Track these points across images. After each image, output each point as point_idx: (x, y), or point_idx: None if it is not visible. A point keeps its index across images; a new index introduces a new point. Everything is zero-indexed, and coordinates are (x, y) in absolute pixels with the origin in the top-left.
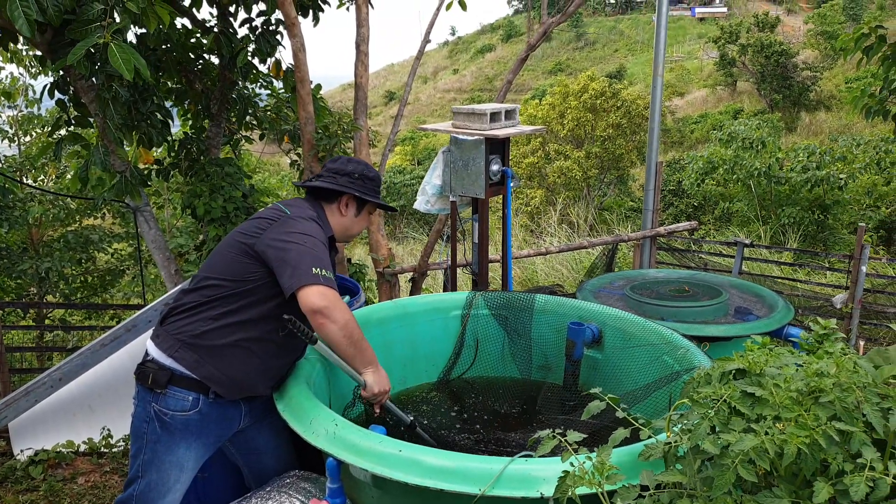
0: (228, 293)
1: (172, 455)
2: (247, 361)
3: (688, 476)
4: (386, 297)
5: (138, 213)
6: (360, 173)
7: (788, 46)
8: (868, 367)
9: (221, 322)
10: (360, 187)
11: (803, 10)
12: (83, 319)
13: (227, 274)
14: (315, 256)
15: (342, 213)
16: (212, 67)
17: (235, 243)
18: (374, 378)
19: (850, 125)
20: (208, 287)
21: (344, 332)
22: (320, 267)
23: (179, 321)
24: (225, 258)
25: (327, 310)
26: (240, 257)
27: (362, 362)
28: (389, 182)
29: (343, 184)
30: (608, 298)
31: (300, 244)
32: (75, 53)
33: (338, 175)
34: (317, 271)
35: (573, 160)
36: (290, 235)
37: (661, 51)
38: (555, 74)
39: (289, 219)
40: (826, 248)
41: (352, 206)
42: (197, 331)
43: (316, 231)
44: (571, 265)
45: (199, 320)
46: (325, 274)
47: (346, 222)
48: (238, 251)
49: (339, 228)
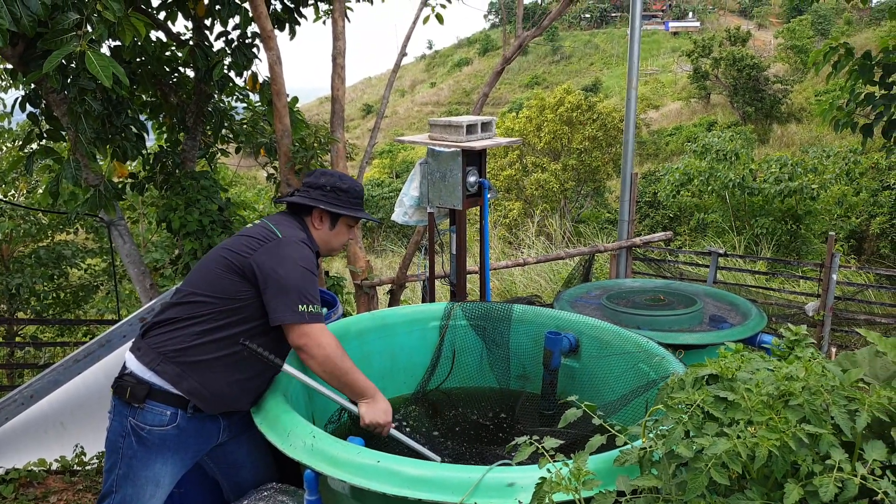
0: (215, 310)
1: (148, 470)
2: (231, 377)
3: (663, 481)
4: (364, 309)
5: (113, 228)
6: (332, 185)
7: (760, 60)
8: (836, 371)
9: (207, 338)
10: (333, 200)
11: (773, 25)
12: (55, 336)
13: (214, 291)
14: (301, 291)
15: (317, 227)
16: (187, 80)
17: (223, 260)
18: (367, 409)
19: (821, 137)
20: (194, 303)
21: (324, 367)
22: (306, 302)
23: (162, 335)
24: (212, 274)
25: (307, 347)
26: (228, 275)
27: (353, 394)
28: (368, 195)
29: (315, 197)
30: (585, 308)
31: (290, 276)
32: (51, 62)
33: (311, 189)
34: (302, 308)
35: (550, 172)
36: (282, 264)
37: (634, 64)
38: (531, 88)
39: (280, 242)
40: (799, 258)
41: (326, 219)
42: (181, 345)
43: (306, 256)
44: (549, 276)
45: (183, 335)
46: (311, 310)
47: (322, 236)
48: (226, 268)
49: (320, 242)
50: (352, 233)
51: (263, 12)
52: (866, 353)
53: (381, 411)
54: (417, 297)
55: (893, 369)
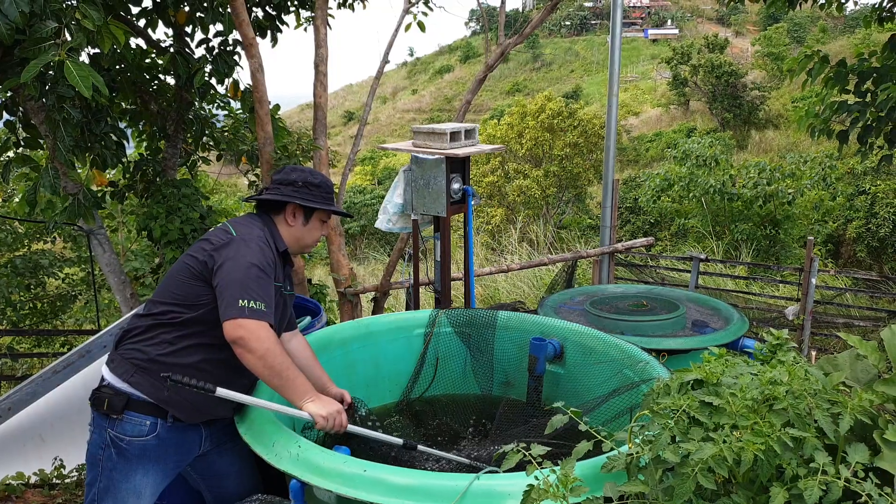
0: (183, 317)
1: (129, 482)
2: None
3: (650, 486)
4: (348, 317)
5: (92, 237)
6: (304, 181)
7: (737, 67)
8: (818, 375)
9: (177, 346)
10: (306, 195)
11: (750, 33)
12: (32, 347)
13: (179, 298)
14: (243, 286)
15: (290, 224)
16: (167, 88)
17: (185, 266)
18: (316, 406)
19: (798, 143)
20: (162, 312)
21: (263, 362)
22: (249, 298)
23: (134, 345)
24: (176, 281)
25: (242, 340)
26: (190, 280)
27: (295, 393)
28: (350, 202)
29: (287, 193)
30: (569, 314)
31: (233, 273)
32: (29, 71)
33: (282, 185)
34: (243, 303)
35: (532, 179)
36: (230, 263)
37: (615, 71)
38: (512, 95)
39: (233, 241)
40: (778, 262)
41: (299, 215)
42: (151, 355)
43: (257, 254)
44: (532, 282)
45: (154, 344)
46: (252, 305)
47: (296, 233)
48: (188, 274)
49: (291, 240)
50: (325, 228)
51: (245, 19)
52: (847, 357)
53: (329, 404)
54: (401, 305)
55: (874, 372)
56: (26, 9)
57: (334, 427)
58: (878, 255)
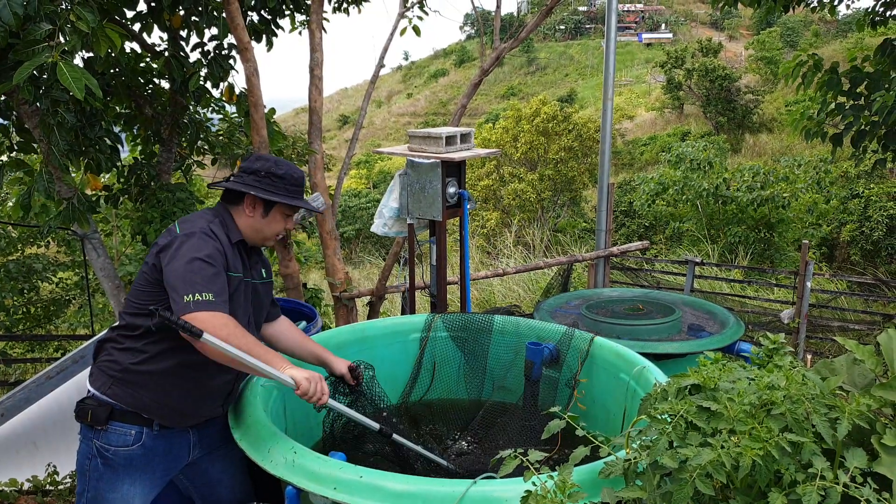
0: (147, 323)
1: (116, 492)
2: (183, 387)
3: (647, 491)
4: (343, 321)
5: (86, 241)
6: (267, 171)
7: (731, 71)
8: (815, 379)
9: (149, 352)
10: (267, 186)
11: (744, 37)
12: (25, 352)
13: (140, 306)
14: (188, 282)
15: (248, 215)
16: (162, 92)
17: (141, 273)
18: (296, 371)
19: (791, 146)
20: (129, 323)
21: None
22: (194, 291)
23: (107, 356)
24: (136, 290)
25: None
26: (146, 287)
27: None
28: (345, 206)
29: (248, 182)
30: (565, 318)
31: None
32: (21, 73)
33: (245, 174)
34: (188, 298)
35: (527, 183)
36: (173, 262)
37: (611, 75)
38: (507, 99)
39: (175, 239)
40: (773, 265)
41: (258, 206)
42: (124, 364)
43: (200, 247)
44: (528, 286)
45: (124, 352)
46: (199, 298)
47: (254, 224)
48: (143, 281)
49: (249, 231)
50: (289, 222)
51: (240, 24)
52: (844, 361)
53: (310, 373)
54: (396, 309)
55: (871, 377)
56: (20, 11)
57: (316, 393)
58: (871, 258)
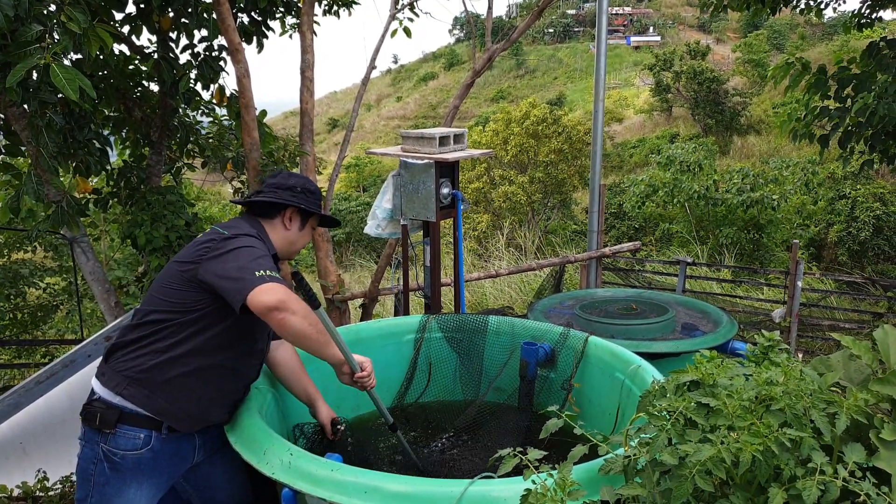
0: (174, 324)
1: (122, 497)
2: (200, 391)
3: (647, 489)
4: (336, 324)
5: (75, 245)
6: (303, 187)
7: (719, 74)
8: (813, 375)
9: (170, 354)
10: (304, 200)
11: (731, 40)
12: (12, 358)
13: (171, 306)
14: (255, 262)
15: (286, 227)
16: (151, 94)
17: (176, 273)
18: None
19: (779, 148)
20: (153, 321)
21: (308, 319)
22: (264, 269)
23: (125, 357)
24: (167, 289)
25: (283, 303)
26: (182, 287)
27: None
28: (335, 209)
29: (285, 198)
30: (559, 318)
31: (238, 256)
32: (14, 75)
33: (279, 189)
34: (261, 273)
35: (517, 185)
36: (230, 254)
37: (601, 78)
38: (497, 102)
39: (227, 238)
40: (762, 266)
41: (296, 219)
42: (145, 365)
43: (254, 243)
44: (520, 287)
45: (145, 354)
46: (272, 273)
47: (290, 237)
48: (180, 281)
49: (282, 244)
50: (312, 235)
51: (231, 25)
52: (840, 357)
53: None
54: (389, 311)
55: (867, 372)
56: (10, 13)
57: (371, 380)
58: (858, 258)
